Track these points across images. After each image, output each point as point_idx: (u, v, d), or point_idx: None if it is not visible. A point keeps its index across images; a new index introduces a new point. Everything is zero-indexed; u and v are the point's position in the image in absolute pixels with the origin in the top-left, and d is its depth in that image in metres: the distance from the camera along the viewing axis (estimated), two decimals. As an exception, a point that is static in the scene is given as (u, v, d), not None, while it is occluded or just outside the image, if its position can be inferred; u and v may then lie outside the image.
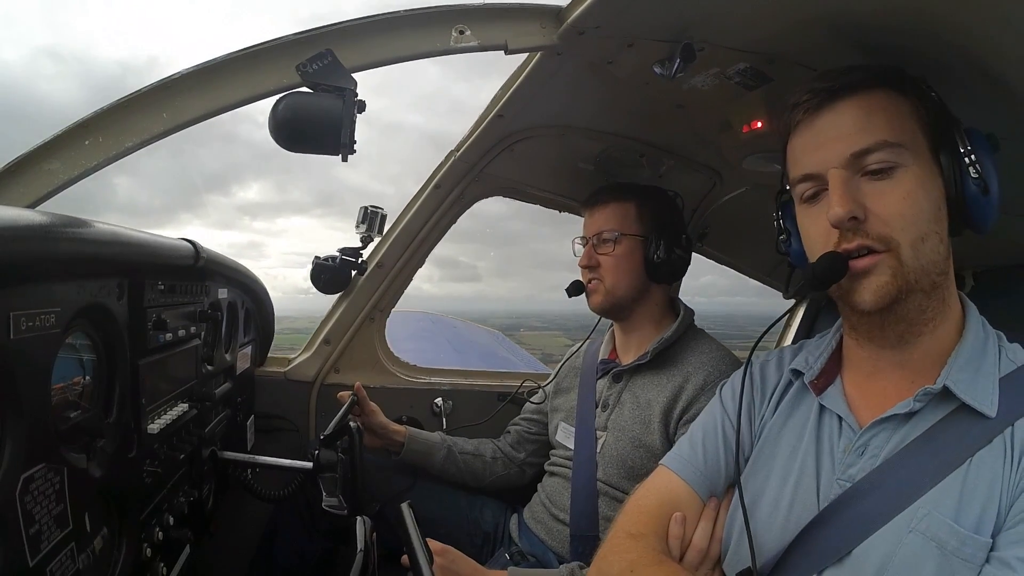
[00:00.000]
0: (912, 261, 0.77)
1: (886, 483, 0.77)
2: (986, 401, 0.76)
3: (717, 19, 1.06)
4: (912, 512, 0.74)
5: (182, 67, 1.04)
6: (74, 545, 0.76)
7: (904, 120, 0.79)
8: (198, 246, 1.12)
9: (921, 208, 0.77)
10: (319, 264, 1.84)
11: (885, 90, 0.80)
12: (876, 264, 0.77)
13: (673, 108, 1.41)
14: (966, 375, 0.78)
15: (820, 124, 0.82)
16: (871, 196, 0.78)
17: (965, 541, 0.70)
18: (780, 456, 0.90)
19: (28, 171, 0.98)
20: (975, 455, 0.74)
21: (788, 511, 0.85)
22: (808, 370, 0.92)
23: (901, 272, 0.77)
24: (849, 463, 0.82)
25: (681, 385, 1.42)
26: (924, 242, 0.77)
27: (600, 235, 1.54)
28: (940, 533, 0.71)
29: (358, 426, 1.41)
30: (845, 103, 0.80)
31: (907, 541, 0.73)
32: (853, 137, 0.78)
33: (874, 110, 0.79)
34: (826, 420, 0.88)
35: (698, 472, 0.95)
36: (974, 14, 0.81)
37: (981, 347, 0.81)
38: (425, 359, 2.20)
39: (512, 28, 1.15)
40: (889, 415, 0.80)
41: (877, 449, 0.80)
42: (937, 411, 0.78)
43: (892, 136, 0.77)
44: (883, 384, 0.84)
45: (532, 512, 1.60)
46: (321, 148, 1.05)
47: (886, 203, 0.77)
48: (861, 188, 0.78)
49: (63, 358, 0.78)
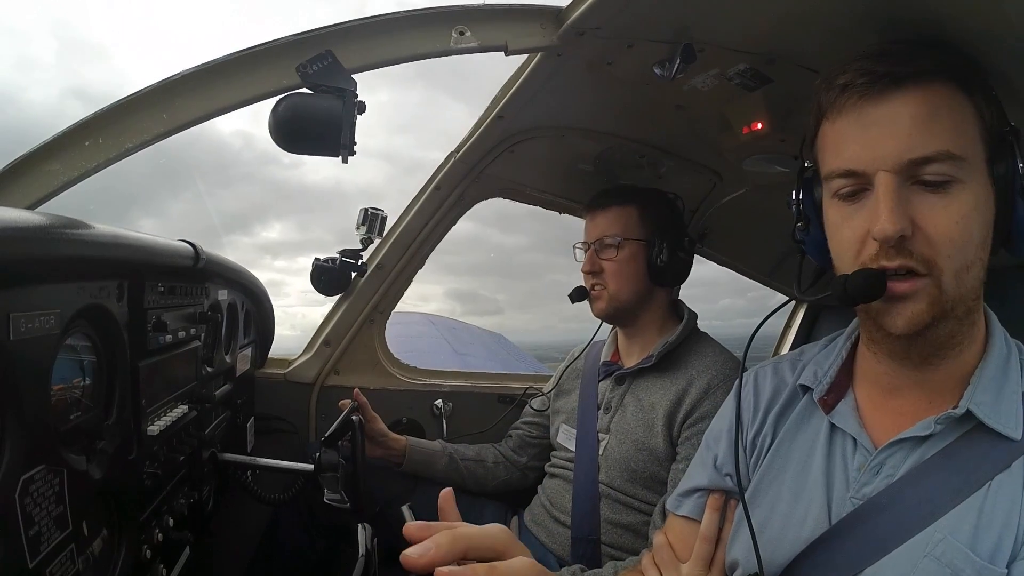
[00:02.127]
0: (953, 290, 0.69)
1: (901, 502, 0.73)
2: (1010, 424, 0.71)
3: (717, 20, 1.06)
4: (928, 536, 0.70)
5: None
6: (74, 547, 0.76)
7: (968, 126, 0.70)
8: (198, 248, 1.12)
9: (972, 234, 0.69)
10: (319, 266, 1.84)
11: (951, 85, 0.70)
12: (916, 291, 0.69)
13: (673, 109, 1.41)
14: (989, 396, 0.73)
15: (874, 115, 0.70)
16: (922, 212, 0.68)
17: (980, 571, 0.66)
18: (790, 472, 0.85)
19: (28, 172, 0.98)
20: (994, 479, 0.69)
21: (799, 528, 0.81)
22: (817, 385, 0.86)
23: (939, 301, 0.69)
24: (864, 482, 0.77)
25: (685, 388, 1.41)
26: (968, 271, 0.70)
27: (602, 240, 1.53)
28: (956, 560, 0.67)
29: (360, 419, 1.40)
30: (906, 95, 0.69)
31: (921, 566, 0.69)
32: (913, 140, 0.68)
33: (939, 110, 0.69)
34: (838, 439, 0.82)
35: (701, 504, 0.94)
36: (978, 14, 0.81)
37: (1003, 365, 0.76)
38: (425, 361, 2.20)
39: (512, 29, 1.15)
40: (908, 436, 0.75)
41: (893, 469, 0.76)
42: (955, 431, 0.74)
43: (956, 147, 0.68)
44: (900, 402, 0.79)
45: (532, 514, 1.60)
46: (321, 149, 1.05)
47: (938, 223, 0.68)
48: (912, 200, 0.69)
49: (63, 359, 0.78)
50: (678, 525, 0.98)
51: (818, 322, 2.38)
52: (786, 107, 1.27)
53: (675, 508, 0.98)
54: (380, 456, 1.61)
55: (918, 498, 0.72)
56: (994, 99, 0.73)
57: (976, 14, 0.79)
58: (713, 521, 0.92)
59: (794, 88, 1.19)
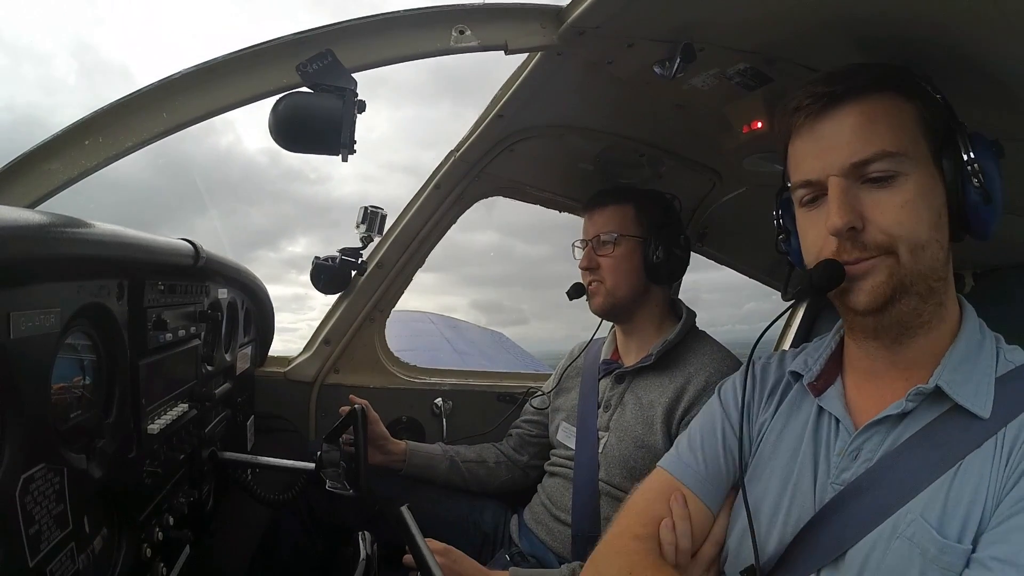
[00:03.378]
0: (910, 264, 0.77)
1: (878, 485, 0.77)
2: (979, 402, 0.75)
3: (717, 19, 1.06)
4: (900, 516, 0.74)
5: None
6: (74, 545, 0.76)
7: (907, 126, 0.78)
8: (198, 246, 1.12)
9: (921, 216, 0.77)
10: (319, 264, 1.84)
11: (888, 94, 0.79)
12: (873, 267, 0.77)
13: (673, 108, 1.41)
14: (959, 375, 0.77)
15: (821, 130, 0.81)
16: (870, 205, 0.77)
17: (945, 550, 0.70)
18: (781, 458, 0.90)
19: (28, 171, 0.98)
20: (965, 459, 0.73)
21: (787, 513, 0.85)
22: (807, 372, 0.92)
23: (898, 272, 0.77)
24: (843, 467, 0.82)
25: (683, 386, 1.42)
26: (924, 250, 0.77)
27: (599, 237, 1.55)
28: (923, 540, 0.72)
29: (362, 407, 1.41)
30: (846, 109, 0.79)
31: (895, 546, 0.73)
32: (853, 146, 0.78)
33: (876, 117, 0.78)
34: (824, 422, 0.88)
35: (699, 477, 0.94)
36: (974, 15, 0.81)
37: (976, 348, 0.80)
38: (425, 359, 2.20)
39: (512, 28, 1.15)
40: (882, 417, 0.80)
41: (871, 453, 0.80)
42: (930, 412, 0.78)
43: (893, 145, 0.77)
44: (879, 385, 0.85)
45: (532, 513, 1.60)
46: (321, 148, 1.05)
47: (884, 212, 0.77)
48: (860, 196, 0.78)
49: (63, 358, 0.78)
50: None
51: (817, 322, 2.39)
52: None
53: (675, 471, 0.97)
54: (380, 463, 1.61)
55: (893, 480, 0.76)
56: (938, 102, 0.81)
57: (973, 19, 0.79)
58: (723, 528, 0.92)
59: (794, 88, 1.18)
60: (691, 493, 0.93)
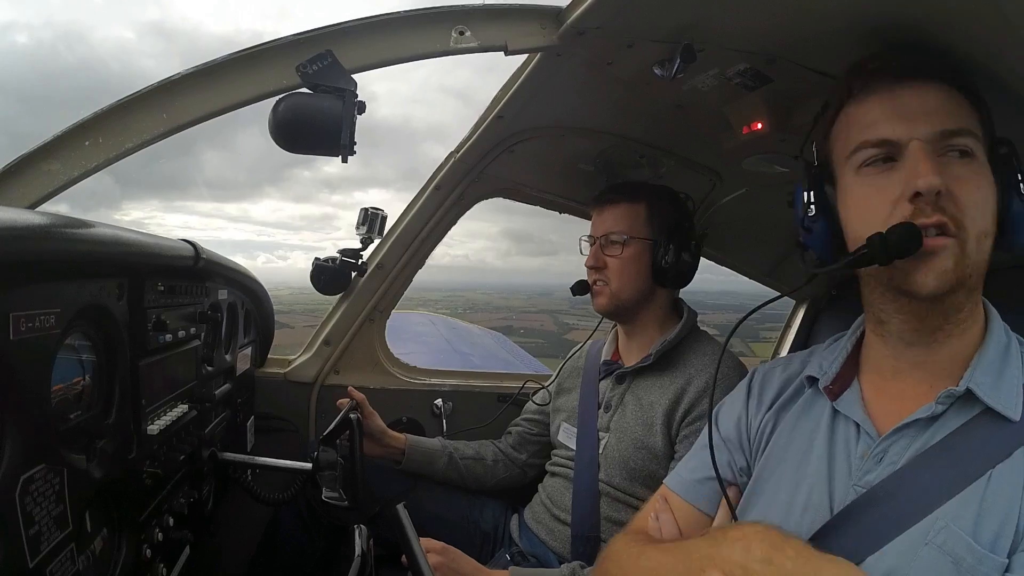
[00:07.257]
0: (974, 255, 0.74)
1: (903, 490, 0.74)
2: (1010, 403, 0.73)
3: (717, 20, 1.06)
4: (929, 523, 0.71)
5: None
6: (74, 546, 0.76)
7: (975, 117, 0.78)
8: (198, 247, 1.12)
9: (989, 203, 0.75)
10: (319, 265, 1.84)
11: (958, 90, 0.78)
12: (947, 247, 0.72)
13: (673, 109, 1.41)
14: (989, 378, 0.75)
15: (905, 96, 0.77)
16: (952, 175, 0.73)
17: (982, 560, 0.67)
18: (790, 462, 0.87)
19: (28, 171, 0.98)
20: (996, 468, 0.70)
21: (800, 518, 0.82)
22: (823, 375, 0.88)
23: (962, 263, 0.73)
24: (867, 469, 0.78)
25: (683, 387, 1.42)
26: (985, 239, 0.75)
27: (608, 236, 1.52)
28: (957, 549, 0.68)
29: (358, 417, 1.40)
30: (931, 84, 0.77)
31: (922, 554, 0.70)
32: (942, 116, 0.75)
33: (959, 100, 0.77)
34: (840, 426, 0.84)
35: (705, 498, 0.94)
36: (976, 19, 0.81)
37: (1004, 350, 0.78)
38: (425, 360, 2.20)
39: (512, 29, 1.15)
40: (911, 420, 0.77)
41: (896, 456, 0.77)
42: (959, 416, 0.75)
43: (974, 127, 0.76)
44: (902, 386, 0.81)
45: (533, 512, 1.60)
46: (321, 149, 1.05)
47: (966, 187, 0.74)
48: (942, 165, 0.74)
49: (63, 359, 0.78)
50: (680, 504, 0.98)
51: (818, 323, 2.38)
52: (786, 107, 1.27)
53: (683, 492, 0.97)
54: (379, 455, 1.61)
55: (920, 486, 0.73)
56: (988, 109, 0.80)
57: (974, 20, 0.79)
58: (723, 520, 0.91)
59: (794, 88, 1.19)
60: (674, 494, 0.95)
